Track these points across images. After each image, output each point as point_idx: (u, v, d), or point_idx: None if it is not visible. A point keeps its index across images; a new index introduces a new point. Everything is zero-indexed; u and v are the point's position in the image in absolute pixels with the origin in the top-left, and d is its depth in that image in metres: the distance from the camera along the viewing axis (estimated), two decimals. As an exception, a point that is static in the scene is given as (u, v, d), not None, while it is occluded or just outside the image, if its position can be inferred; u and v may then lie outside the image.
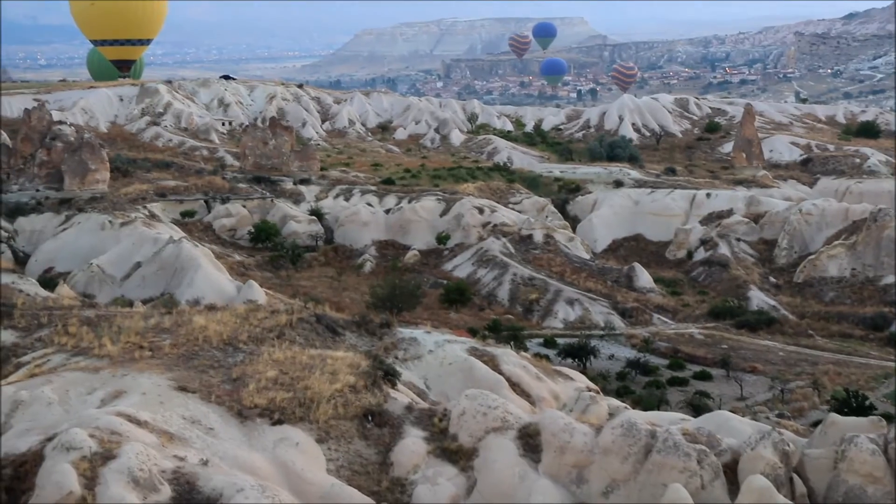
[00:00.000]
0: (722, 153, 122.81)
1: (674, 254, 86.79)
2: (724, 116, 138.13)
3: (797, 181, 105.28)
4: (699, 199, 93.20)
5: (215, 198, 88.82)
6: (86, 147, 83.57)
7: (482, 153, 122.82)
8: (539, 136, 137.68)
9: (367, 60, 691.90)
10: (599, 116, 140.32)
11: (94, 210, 78.41)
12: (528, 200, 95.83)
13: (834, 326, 67.82)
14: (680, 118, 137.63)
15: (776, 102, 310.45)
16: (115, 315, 30.67)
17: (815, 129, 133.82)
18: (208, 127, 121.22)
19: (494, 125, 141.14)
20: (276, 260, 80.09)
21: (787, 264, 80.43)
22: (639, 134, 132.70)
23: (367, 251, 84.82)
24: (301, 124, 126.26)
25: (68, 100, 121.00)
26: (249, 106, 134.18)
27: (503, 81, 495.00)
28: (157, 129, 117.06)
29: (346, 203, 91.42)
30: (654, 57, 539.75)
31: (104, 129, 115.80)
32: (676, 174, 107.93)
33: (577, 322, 69.52)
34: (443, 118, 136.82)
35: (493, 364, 29.78)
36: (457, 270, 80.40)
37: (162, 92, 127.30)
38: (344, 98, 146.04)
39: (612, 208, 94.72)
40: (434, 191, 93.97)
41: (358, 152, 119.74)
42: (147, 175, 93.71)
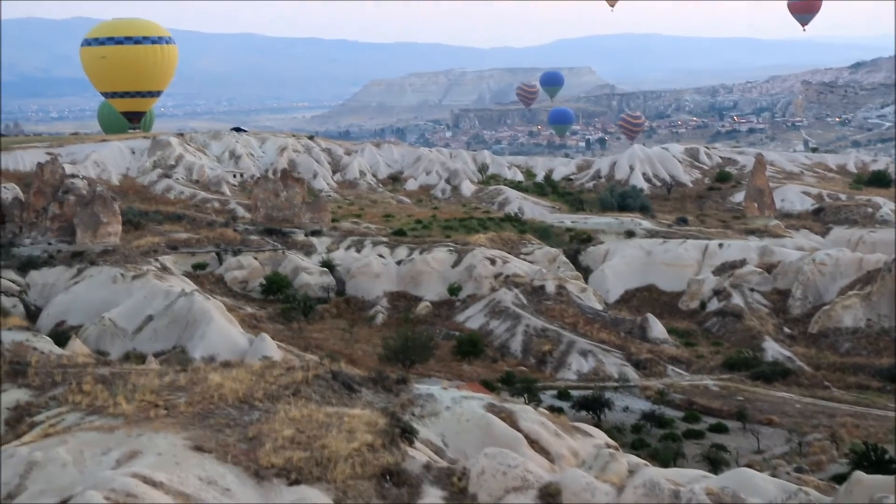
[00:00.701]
0: (733, 203, 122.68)
1: (687, 304, 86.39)
2: (735, 166, 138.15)
3: (809, 231, 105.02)
4: (711, 250, 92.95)
5: (227, 250, 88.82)
6: (98, 200, 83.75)
7: (493, 204, 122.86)
8: (550, 186, 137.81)
9: (376, 111, 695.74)
10: (610, 166, 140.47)
11: (105, 263, 78.41)
12: (539, 251, 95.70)
13: (850, 378, 67.19)
14: (690, 168, 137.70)
15: (785, 151, 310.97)
16: (130, 373, 30.41)
17: (827, 179, 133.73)
18: (220, 179, 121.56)
19: (505, 175, 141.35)
20: (288, 312, 79.87)
21: (801, 315, 79.98)
22: (649, 184, 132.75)
23: (378, 303, 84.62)
24: (312, 176, 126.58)
25: (80, 153, 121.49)
26: (260, 158, 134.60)
27: (512, 131, 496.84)
28: (168, 182, 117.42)
29: (358, 254, 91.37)
30: (662, 106, 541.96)
31: (116, 182, 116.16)
32: (688, 224, 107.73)
33: (591, 374, 69.13)
34: (453, 169, 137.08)
35: (511, 421, 29.37)
36: (469, 322, 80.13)
37: (174, 144, 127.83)
38: (355, 149, 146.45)
39: (624, 259, 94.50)
40: (446, 242, 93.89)
41: (369, 203, 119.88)
42: (159, 228, 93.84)
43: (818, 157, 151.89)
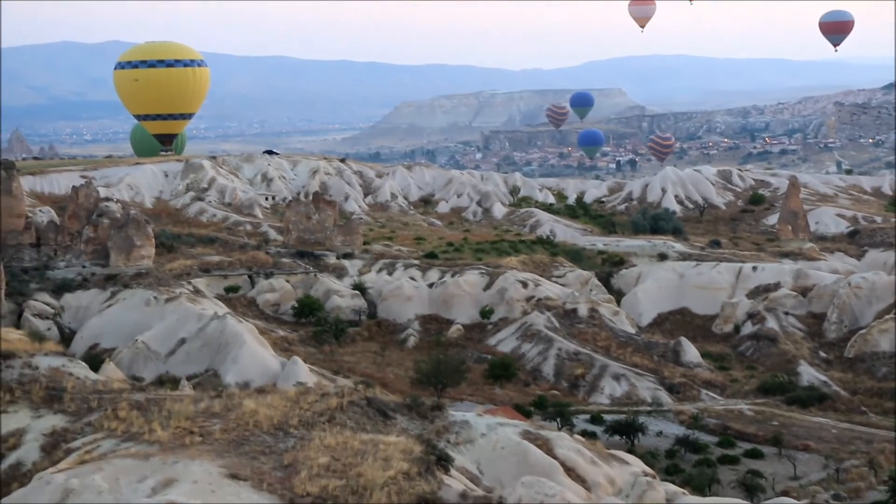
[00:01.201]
0: (767, 225, 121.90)
1: (720, 328, 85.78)
2: (768, 188, 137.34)
3: (844, 254, 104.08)
4: (745, 273, 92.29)
5: (259, 273, 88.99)
6: (132, 223, 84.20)
7: (525, 226, 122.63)
8: (581, 208, 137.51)
9: (406, 132, 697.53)
10: (642, 189, 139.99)
11: (139, 286, 78.75)
12: (571, 274, 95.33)
13: (888, 403, 66.39)
14: (723, 190, 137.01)
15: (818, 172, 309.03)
16: (165, 399, 30.45)
17: (861, 201, 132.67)
18: (252, 202, 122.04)
19: (536, 198, 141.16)
20: (320, 335, 79.88)
21: (836, 339, 79.24)
22: (682, 206, 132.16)
23: (410, 326, 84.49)
24: (344, 198, 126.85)
25: (114, 176, 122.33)
26: (292, 180, 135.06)
27: (542, 153, 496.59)
28: (201, 205, 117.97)
29: (390, 277, 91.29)
30: (693, 127, 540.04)
31: (149, 205, 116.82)
32: (721, 247, 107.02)
33: (624, 398, 68.67)
34: (485, 191, 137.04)
35: (547, 448, 29.18)
36: (501, 345, 79.86)
37: (206, 167, 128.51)
38: (386, 172, 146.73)
39: (656, 282, 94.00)
40: (477, 265, 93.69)
41: (400, 226, 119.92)
42: (191, 250, 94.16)
43: (853, 179, 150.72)
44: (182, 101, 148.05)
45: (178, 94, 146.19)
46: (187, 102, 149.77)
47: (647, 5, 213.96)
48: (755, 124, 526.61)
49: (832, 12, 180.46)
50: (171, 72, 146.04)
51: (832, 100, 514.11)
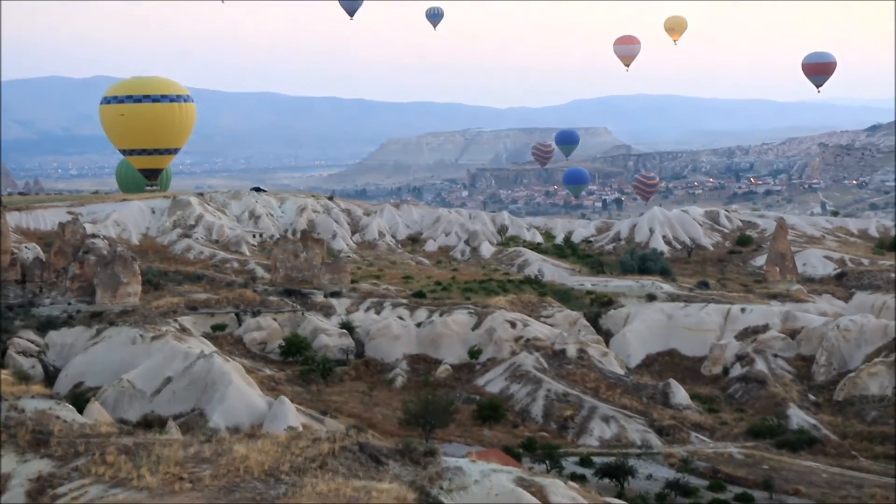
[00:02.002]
0: (754, 266, 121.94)
1: (709, 370, 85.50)
2: (756, 229, 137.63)
3: (832, 296, 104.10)
4: (734, 314, 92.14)
5: (246, 311, 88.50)
6: (118, 260, 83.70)
7: (513, 265, 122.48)
8: (569, 248, 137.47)
9: (392, 170, 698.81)
10: (630, 229, 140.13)
11: (125, 324, 78.14)
12: (560, 314, 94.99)
13: (878, 447, 65.99)
14: (710, 231, 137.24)
15: (803, 212, 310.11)
16: (154, 443, 29.92)
17: (848, 243, 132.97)
18: (239, 239, 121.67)
19: (524, 237, 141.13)
20: (307, 374, 79.33)
21: (826, 381, 78.97)
22: (669, 246, 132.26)
23: (398, 365, 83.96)
24: (331, 236, 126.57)
25: (101, 212, 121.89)
26: (280, 218, 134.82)
27: (528, 191, 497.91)
28: (188, 242, 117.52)
29: (377, 316, 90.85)
30: (679, 167, 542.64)
31: (136, 242, 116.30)
32: (709, 288, 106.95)
33: (614, 440, 68.20)
34: (472, 230, 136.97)
35: (542, 496, 28.73)
36: (489, 385, 79.34)
37: (193, 204, 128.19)
38: (374, 210, 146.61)
39: (645, 322, 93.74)
40: (465, 304, 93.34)
41: (388, 264, 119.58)
42: (178, 288, 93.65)
43: (839, 221, 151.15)
44: (168, 137, 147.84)
45: (163, 129, 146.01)
46: (173, 137, 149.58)
47: (632, 45, 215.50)
48: (740, 164, 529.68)
49: (815, 54, 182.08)
50: (156, 107, 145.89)
51: (816, 141, 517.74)
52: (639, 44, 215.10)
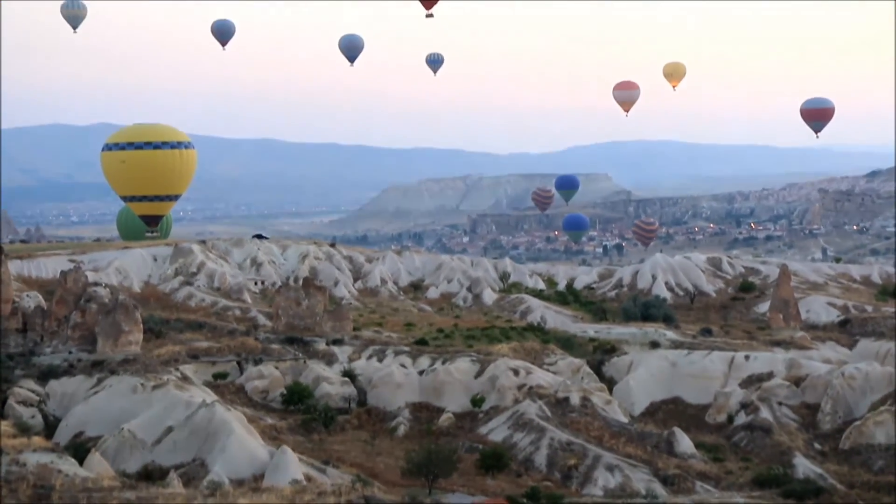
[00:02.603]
0: (758, 313, 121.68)
1: (714, 418, 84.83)
2: (758, 276, 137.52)
3: (836, 343, 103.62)
4: (738, 362, 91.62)
5: (248, 359, 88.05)
6: (120, 309, 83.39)
7: (515, 312, 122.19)
8: (572, 294, 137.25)
9: (393, 215, 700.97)
10: (632, 275, 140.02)
11: (126, 372, 77.66)
12: (563, 361, 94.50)
13: (886, 498, 65.22)
14: (713, 277, 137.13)
15: (803, 258, 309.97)
16: (157, 497, 29.58)
17: (851, 290, 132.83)
18: (241, 286, 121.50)
19: (527, 284, 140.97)
20: (309, 423, 78.72)
21: (831, 430, 78.33)
22: (672, 293, 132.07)
23: (400, 414, 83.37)
24: (333, 283, 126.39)
25: (103, 260, 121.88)
26: (282, 265, 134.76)
27: (529, 236, 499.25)
28: (190, 289, 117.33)
29: (380, 364, 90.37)
30: (679, 212, 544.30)
31: (137, 290, 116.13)
32: (713, 335, 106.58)
33: (618, 489, 67.47)
34: (475, 277, 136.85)
35: (550, 551, 28.39)
36: (492, 434, 78.68)
37: (196, 251, 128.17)
38: (376, 256, 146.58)
39: (648, 370, 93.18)
40: (468, 352, 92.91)
41: (390, 312, 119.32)
42: (180, 336, 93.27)
43: (842, 267, 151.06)
44: (168, 183, 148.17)
45: (164, 175, 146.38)
46: (174, 184, 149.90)
47: (632, 90, 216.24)
48: (740, 210, 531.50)
49: (813, 100, 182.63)
50: (157, 153, 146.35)
51: (816, 186, 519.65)
52: (638, 89, 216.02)
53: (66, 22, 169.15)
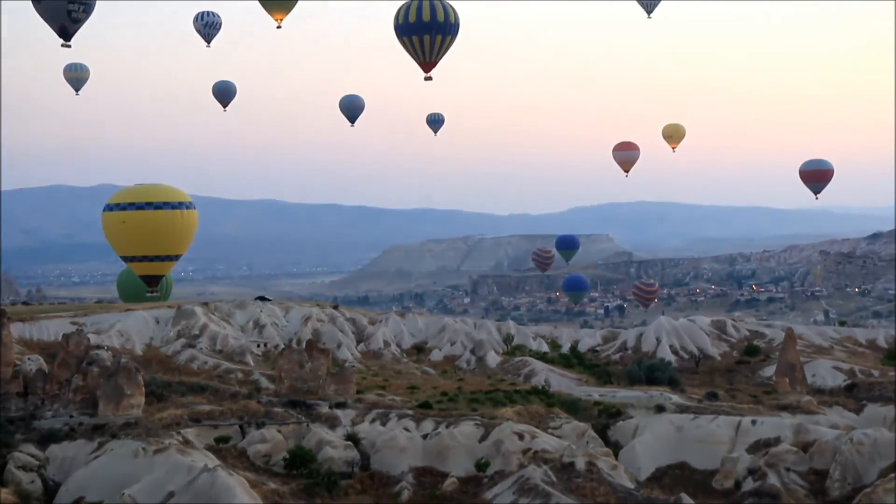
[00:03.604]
0: (763, 377, 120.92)
1: (721, 483, 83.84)
2: (763, 339, 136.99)
3: (843, 408, 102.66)
4: (745, 426, 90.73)
5: (250, 423, 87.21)
6: (122, 372, 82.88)
7: (519, 375, 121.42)
8: (576, 357, 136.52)
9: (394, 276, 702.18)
10: (636, 338, 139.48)
11: (127, 436, 77.02)
12: (567, 425, 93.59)
13: (897, 566, 64.52)
14: (718, 340, 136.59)
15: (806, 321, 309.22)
16: (163, 571, 28.98)
17: (857, 353, 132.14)
18: (244, 349, 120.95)
19: (530, 346, 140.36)
20: (312, 488, 77.82)
21: (840, 497, 77.34)
22: (677, 356, 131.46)
23: (404, 478, 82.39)
24: (336, 346, 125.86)
25: (105, 322, 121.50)
26: (284, 327, 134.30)
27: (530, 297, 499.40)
28: (192, 352, 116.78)
29: (383, 428, 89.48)
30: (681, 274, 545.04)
31: (139, 352, 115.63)
32: (719, 399, 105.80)
33: (626, 557, 66.72)
34: (478, 339, 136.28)
35: None
36: (497, 499, 77.65)
37: (198, 314, 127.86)
38: (379, 318, 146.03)
39: (654, 434, 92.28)
40: (472, 415, 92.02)
41: (394, 374, 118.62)
42: (182, 399, 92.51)
43: (847, 330, 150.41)
44: (169, 243, 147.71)
45: (165, 235, 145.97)
46: (175, 244, 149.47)
47: (631, 151, 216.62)
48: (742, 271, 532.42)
49: (812, 161, 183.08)
50: (158, 214, 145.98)
51: (817, 248, 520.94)
52: (638, 150, 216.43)
53: (68, 84, 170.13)
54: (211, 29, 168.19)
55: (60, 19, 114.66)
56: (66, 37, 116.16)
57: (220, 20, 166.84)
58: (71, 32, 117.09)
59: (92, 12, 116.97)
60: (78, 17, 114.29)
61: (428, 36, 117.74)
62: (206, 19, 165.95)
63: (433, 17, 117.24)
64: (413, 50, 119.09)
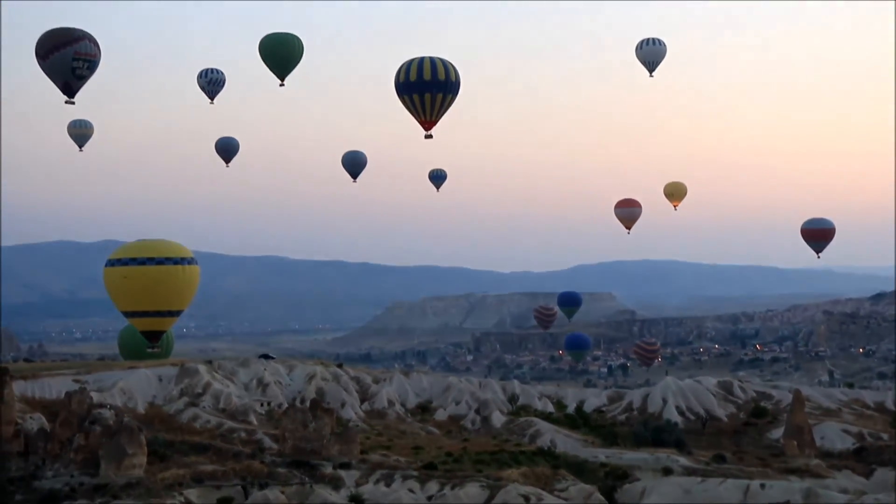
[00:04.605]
0: (771, 439, 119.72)
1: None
2: (770, 401, 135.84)
3: (852, 472, 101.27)
4: (753, 490, 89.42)
5: (253, 483, 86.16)
6: (124, 431, 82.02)
7: (524, 436, 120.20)
8: (581, 418, 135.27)
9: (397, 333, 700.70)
10: (642, 398, 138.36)
11: (129, 497, 76.11)
12: (574, 487, 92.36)
13: None
14: (724, 401, 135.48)
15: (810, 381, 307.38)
16: None
17: (865, 416, 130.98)
18: (247, 408, 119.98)
19: (535, 406, 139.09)
20: (315, 551, 76.85)
21: (853, 563, 76.32)
22: (683, 417, 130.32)
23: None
24: (340, 405, 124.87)
25: (108, 380, 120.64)
26: (288, 386, 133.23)
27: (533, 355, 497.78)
28: (195, 410, 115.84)
29: (387, 489, 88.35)
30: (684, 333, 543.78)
31: (142, 410, 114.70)
32: (726, 461, 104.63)
33: None
34: (483, 399, 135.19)
35: None
36: (504, 564, 76.74)
37: (202, 372, 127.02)
38: (383, 377, 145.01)
39: (662, 497, 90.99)
40: (478, 477, 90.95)
41: (398, 434, 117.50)
42: (184, 459, 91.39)
43: (854, 393, 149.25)
44: (170, 298, 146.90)
45: (166, 290, 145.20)
46: (176, 299, 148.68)
47: (633, 208, 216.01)
48: (745, 331, 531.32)
49: (813, 220, 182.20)
50: (160, 269, 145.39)
51: (821, 308, 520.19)
52: (640, 207, 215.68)
53: (72, 141, 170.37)
54: (215, 86, 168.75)
55: (65, 76, 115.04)
56: (70, 93, 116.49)
57: (224, 77, 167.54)
58: (75, 89, 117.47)
59: (96, 69, 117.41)
60: (82, 74, 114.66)
61: (429, 94, 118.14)
62: (210, 76, 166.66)
63: (434, 75, 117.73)
64: (414, 108, 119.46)
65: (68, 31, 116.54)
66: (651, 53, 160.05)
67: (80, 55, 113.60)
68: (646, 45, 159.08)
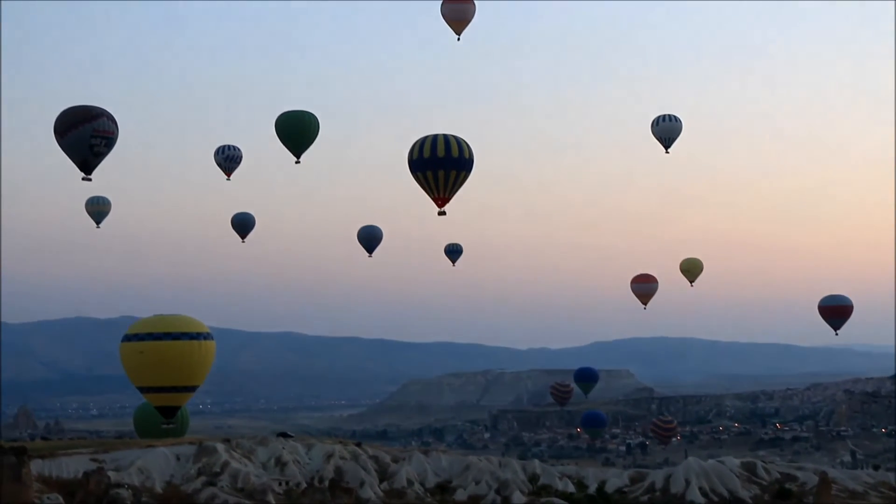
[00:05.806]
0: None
1: None
2: (795, 482, 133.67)
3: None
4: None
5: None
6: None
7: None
8: (603, 499, 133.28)
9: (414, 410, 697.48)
10: (665, 479, 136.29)
11: (147, 581, 75.14)
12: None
13: None
14: (748, 483, 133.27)
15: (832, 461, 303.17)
16: None
17: (892, 499, 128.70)
18: (265, 487, 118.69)
19: (556, 486, 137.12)
20: None
21: None
22: (706, 498, 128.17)
23: None
24: (360, 484, 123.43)
25: (125, 459, 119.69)
26: (307, 465, 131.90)
27: (551, 433, 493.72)
28: (213, 490, 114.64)
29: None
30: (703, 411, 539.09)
31: (160, 490, 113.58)
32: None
33: None
34: (503, 479, 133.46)
35: None
36: None
37: (220, 451, 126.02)
38: (402, 456, 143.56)
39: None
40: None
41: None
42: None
43: (881, 475, 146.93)
44: (186, 374, 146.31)
45: (182, 366, 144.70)
46: (191, 375, 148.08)
47: (650, 283, 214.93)
48: (765, 409, 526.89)
49: (831, 297, 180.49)
50: (176, 344, 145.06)
51: (841, 387, 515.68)
52: (656, 282, 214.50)
53: (90, 217, 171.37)
54: (231, 162, 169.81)
55: (83, 153, 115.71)
56: (88, 170, 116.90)
57: (241, 154, 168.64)
58: (92, 166, 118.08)
59: (114, 146, 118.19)
60: (100, 151, 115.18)
61: (442, 171, 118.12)
62: (227, 153, 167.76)
63: (447, 152, 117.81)
64: (427, 185, 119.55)
65: (87, 109, 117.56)
66: (667, 130, 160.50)
67: (99, 132, 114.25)
68: (662, 121, 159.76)
